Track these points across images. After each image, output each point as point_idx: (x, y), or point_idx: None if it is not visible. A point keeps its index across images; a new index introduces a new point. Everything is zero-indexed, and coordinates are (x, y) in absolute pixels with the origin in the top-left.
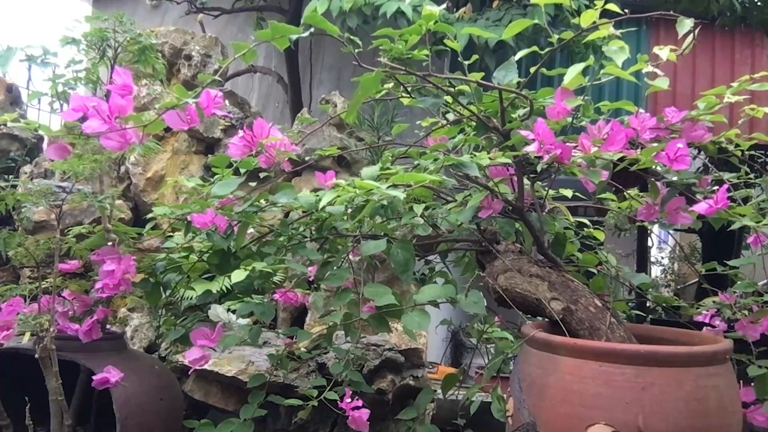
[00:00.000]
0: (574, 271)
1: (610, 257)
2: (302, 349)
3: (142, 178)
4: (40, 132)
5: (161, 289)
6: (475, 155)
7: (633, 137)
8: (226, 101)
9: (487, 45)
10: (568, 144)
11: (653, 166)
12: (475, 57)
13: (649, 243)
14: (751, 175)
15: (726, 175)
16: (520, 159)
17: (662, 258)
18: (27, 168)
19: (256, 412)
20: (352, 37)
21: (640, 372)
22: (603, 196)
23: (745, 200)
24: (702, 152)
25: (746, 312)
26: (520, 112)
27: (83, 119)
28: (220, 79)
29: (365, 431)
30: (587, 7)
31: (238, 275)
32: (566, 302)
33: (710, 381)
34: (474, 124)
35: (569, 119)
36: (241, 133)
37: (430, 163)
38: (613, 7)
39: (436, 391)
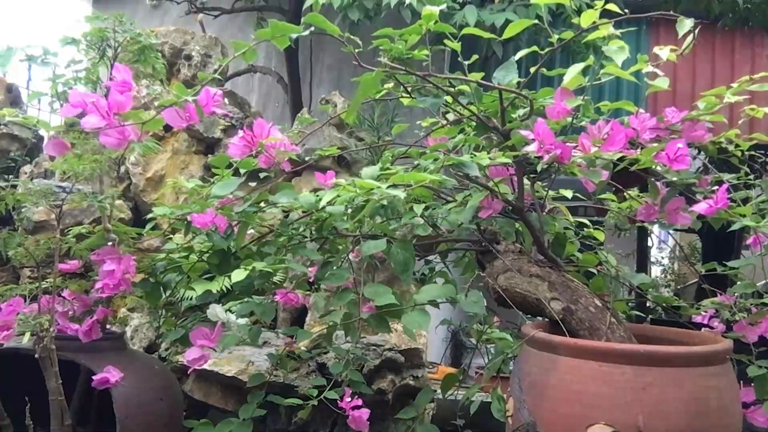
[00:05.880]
0: (574, 271)
1: (610, 257)
2: (302, 348)
3: (142, 178)
4: (40, 131)
5: (161, 289)
6: (475, 155)
7: (633, 137)
8: (226, 101)
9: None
10: (568, 144)
11: (653, 166)
12: (475, 57)
13: (649, 243)
14: (751, 176)
15: (725, 176)
16: (520, 159)
17: (662, 258)
18: (27, 168)
19: (255, 411)
20: (352, 36)
21: (640, 372)
22: (603, 196)
23: (745, 201)
24: (702, 152)
25: (745, 313)
26: (520, 112)
27: (82, 116)
28: (219, 78)
29: (365, 431)
30: (588, 6)
31: (238, 275)
32: (566, 302)
33: (710, 381)
34: (474, 124)
35: (569, 119)
36: (241, 133)
37: (430, 163)
38: (613, 7)
39: (436, 391)
